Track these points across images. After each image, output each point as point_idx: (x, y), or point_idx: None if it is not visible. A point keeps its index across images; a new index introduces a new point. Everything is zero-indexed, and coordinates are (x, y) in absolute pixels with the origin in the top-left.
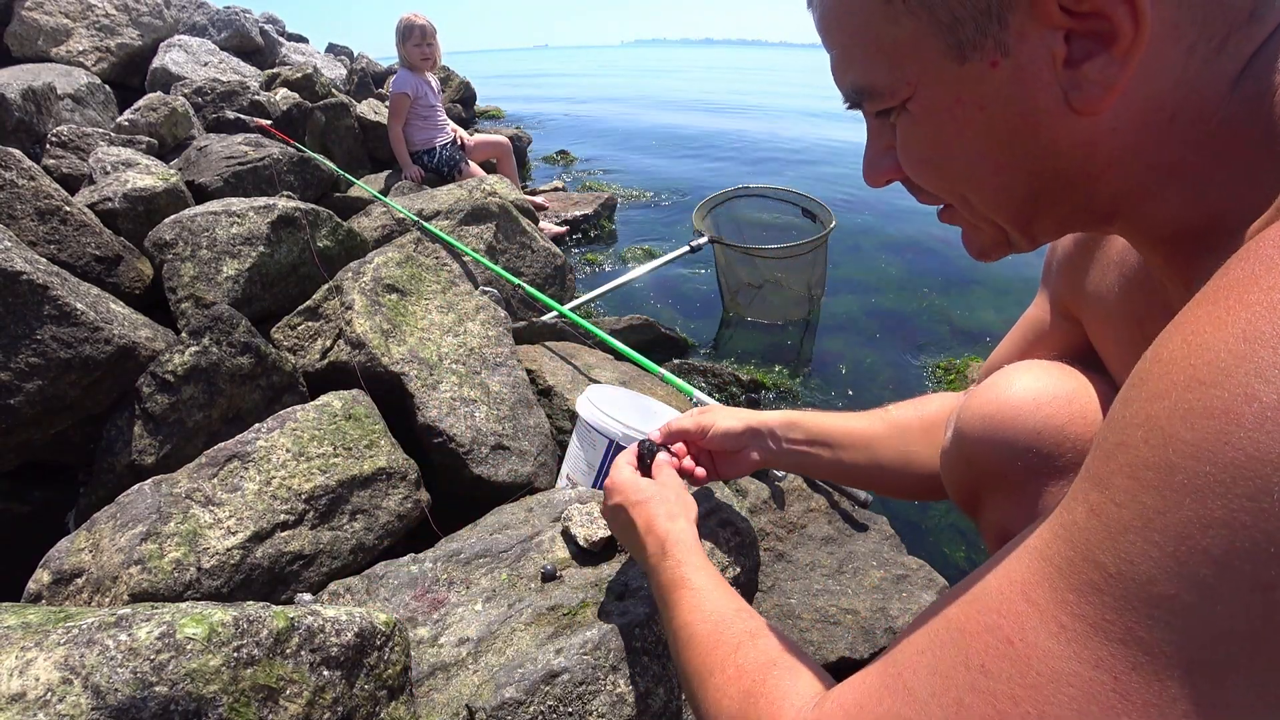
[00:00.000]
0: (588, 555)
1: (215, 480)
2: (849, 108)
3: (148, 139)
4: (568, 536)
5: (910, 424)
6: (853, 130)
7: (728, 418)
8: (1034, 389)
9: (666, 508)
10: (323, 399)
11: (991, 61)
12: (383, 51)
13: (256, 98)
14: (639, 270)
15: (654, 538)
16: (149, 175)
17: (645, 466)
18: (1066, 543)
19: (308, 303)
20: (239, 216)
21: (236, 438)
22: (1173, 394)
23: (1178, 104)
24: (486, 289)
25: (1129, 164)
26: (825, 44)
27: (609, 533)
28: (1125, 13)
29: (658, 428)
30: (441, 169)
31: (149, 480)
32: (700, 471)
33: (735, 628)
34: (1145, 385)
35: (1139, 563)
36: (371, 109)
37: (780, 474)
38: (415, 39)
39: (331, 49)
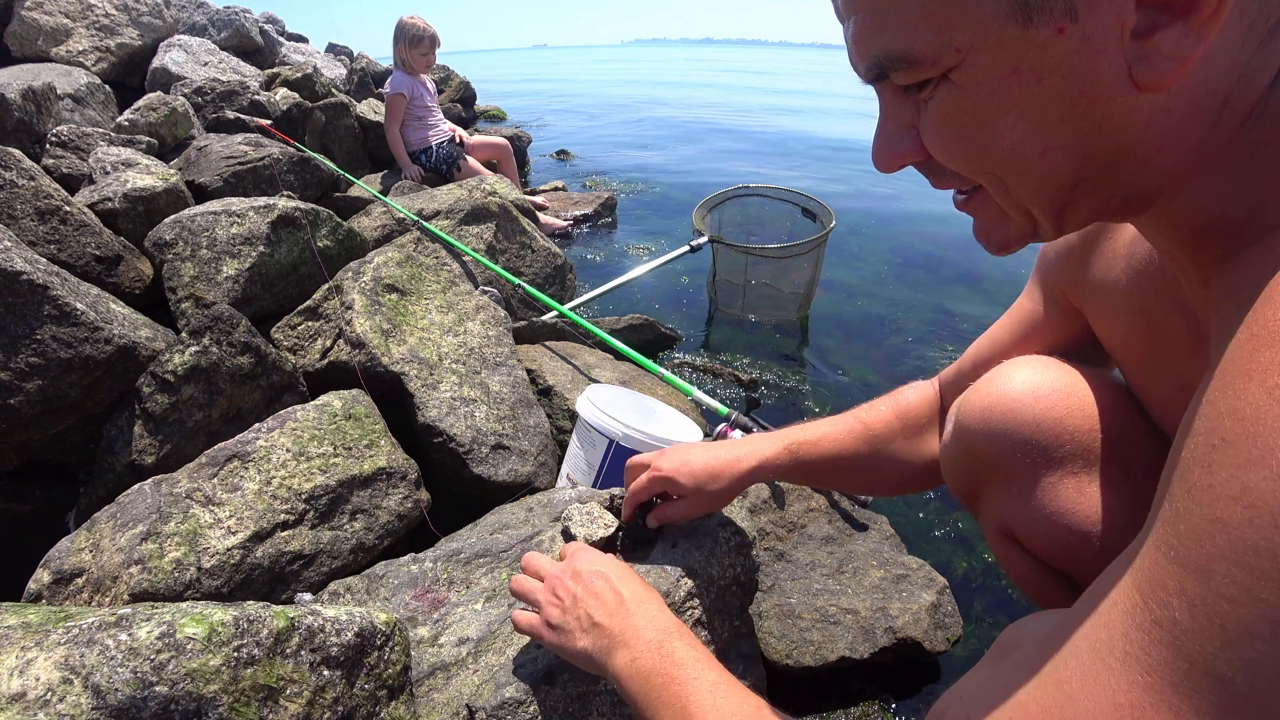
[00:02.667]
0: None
1: (215, 480)
2: (871, 81)
3: (148, 139)
4: (568, 536)
5: (890, 427)
6: (850, 126)
7: (712, 505)
8: (1033, 382)
9: (655, 594)
10: (323, 399)
11: (1059, 27)
12: (382, 51)
13: (256, 97)
14: (639, 270)
15: (646, 621)
16: (149, 175)
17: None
18: (1172, 650)
19: (308, 302)
20: (239, 216)
21: (236, 437)
22: (1272, 462)
23: (1230, 87)
24: (486, 289)
25: (1175, 149)
26: (846, 7)
27: (609, 532)
28: None
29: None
30: (440, 166)
31: (149, 480)
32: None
33: None
34: (1231, 448)
35: (1276, 676)
36: (371, 109)
37: None
38: (424, 48)
39: (331, 49)
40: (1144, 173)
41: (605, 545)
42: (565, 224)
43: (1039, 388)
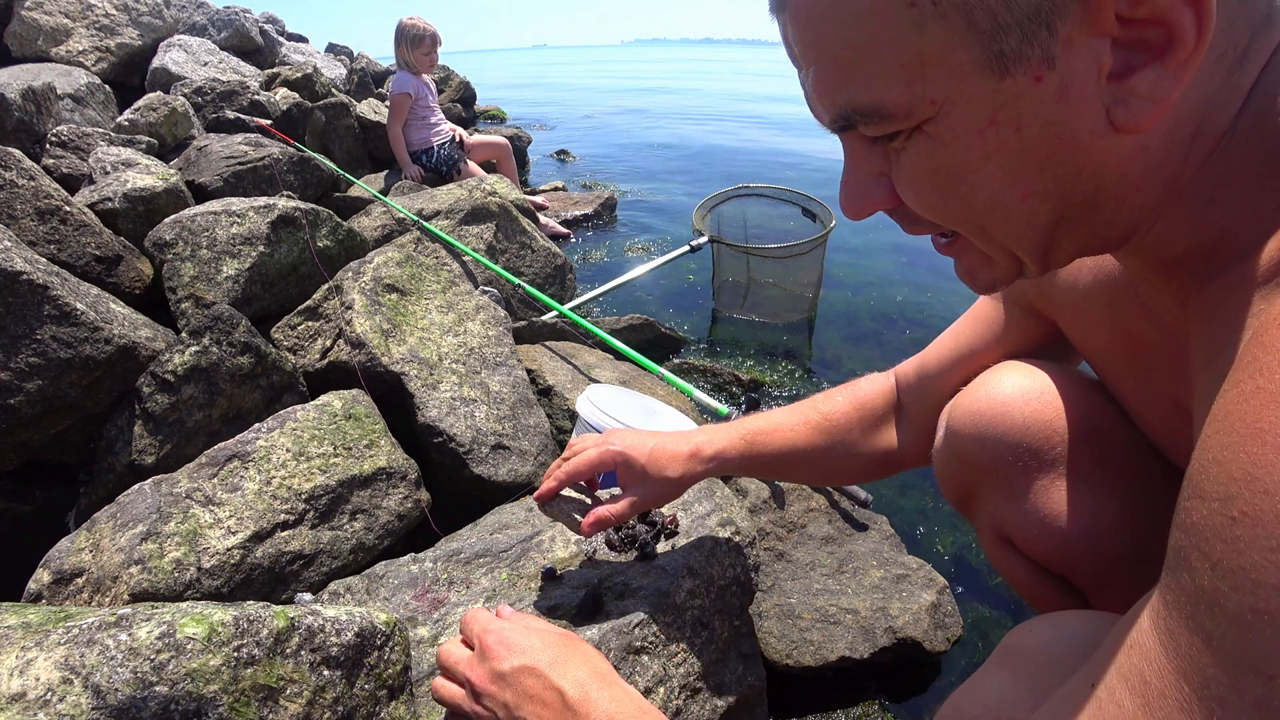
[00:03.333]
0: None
1: (215, 480)
2: (836, 131)
3: (148, 139)
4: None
5: (847, 418)
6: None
7: (666, 492)
8: (1022, 386)
9: (594, 667)
10: (323, 399)
11: (1036, 76)
12: (382, 51)
13: (256, 97)
14: (639, 270)
15: (593, 714)
16: (149, 175)
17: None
18: None
19: (308, 302)
20: (239, 216)
21: (236, 437)
22: None
23: (1200, 119)
24: (486, 289)
25: (1151, 184)
26: (804, 56)
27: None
28: (1189, 19)
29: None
30: (440, 168)
31: (149, 480)
32: (608, 511)
33: None
34: (1259, 525)
35: None
36: (371, 109)
37: None
38: (426, 47)
39: (331, 49)
40: (1123, 210)
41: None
42: (561, 230)
43: (1028, 391)
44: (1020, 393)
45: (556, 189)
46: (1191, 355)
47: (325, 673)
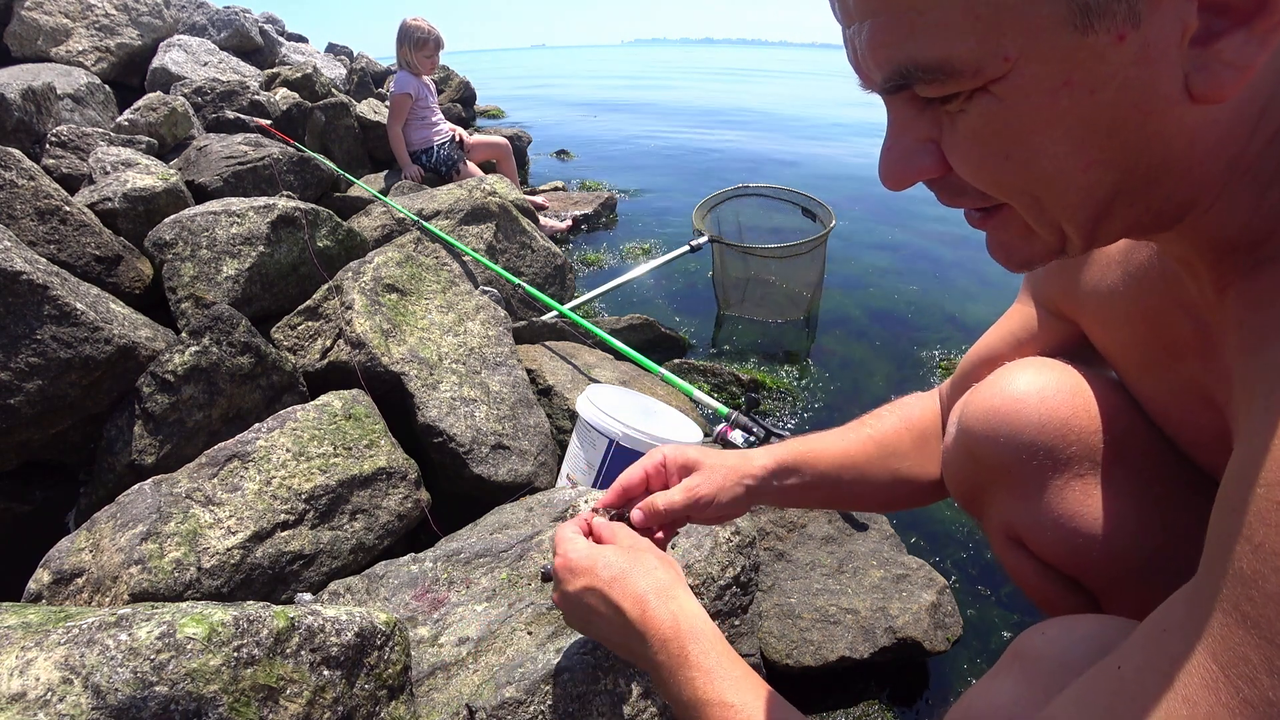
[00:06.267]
0: None
1: (215, 480)
2: (887, 91)
3: (147, 139)
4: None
5: (899, 437)
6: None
7: (725, 484)
8: (1037, 384)
9: (653, 580)
10: (323, 399)
11: (1120, 34)
12: (382, 51)
13: (256, 97)
14: (639, 270)
15: (655, 630)
16: (149, 175)
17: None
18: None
19: (308, 302)
20: (239, 216)
21: (236, 437)
22: None
23: (1269, 95)
24: (486, 289)
25: (1215, 159)
26: (861, 7)
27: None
28: None
29: (608, 500)
30: (440, 168)
31: (149, 480)
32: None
33: None
34: None
35: None
36: (371, 109)
37: None
38: (428, 50)
39: (331, 49)
40: (1184, 185)
41: None
42: (561, 227)
43: (1043, 389)
44: (1035, 390)
45: (556, 189)
46: (1226, 346)
47: (325, 673)
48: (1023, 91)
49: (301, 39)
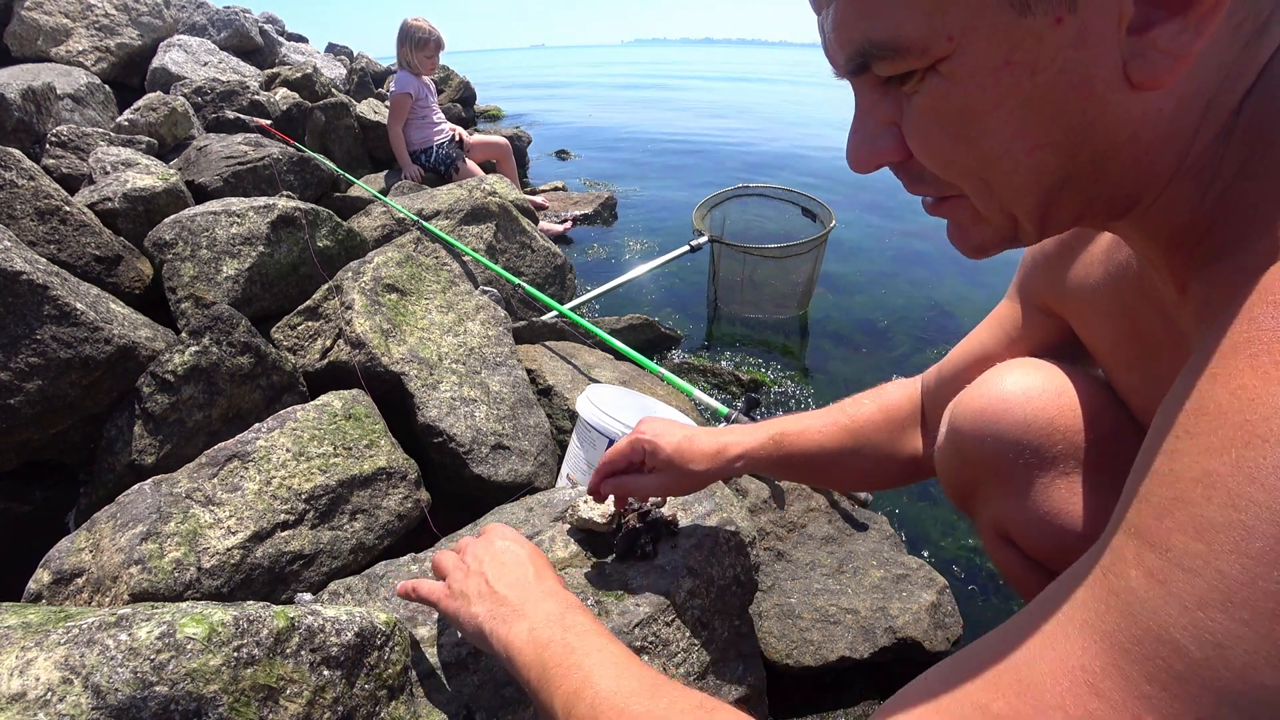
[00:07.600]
0: (598, 539)
1: (215, 480)
2: (848, 73)
3: (147, 139)
4: (580, 524)
5: (873, 420)
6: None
7: (689, 453)
8: (1023, 384)
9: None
10: (323, 399)
11: (1056, 17)
12: (382, 51)
13: (256, 97)
14: (639, 270)
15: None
16: (149, 175)
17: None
18: (1126, 616)
19: (308, 302)
20: (239, 216)
21: (236, 437)
22: (1232, 450)
23: (1215, 89)
24: (486, 289)
25: (1160, 150)
26: None
27: (605, 520)
28: None
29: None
30: (439, 167)
31: (149, 480)
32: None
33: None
34: (1195, 439)
35: (1229, 645)
36: (371, 109)
37: None
38: (429, 50)
39: (331, 49)
40: (1130, 175)
41: (599, 536)
42: (561, 228)
43: (1029, 389)
44: (1022, 390)
45: (556, 189)
46: (1190, 343)
47: (325, 673)
48: (968, 70)
49: (301, 39)
